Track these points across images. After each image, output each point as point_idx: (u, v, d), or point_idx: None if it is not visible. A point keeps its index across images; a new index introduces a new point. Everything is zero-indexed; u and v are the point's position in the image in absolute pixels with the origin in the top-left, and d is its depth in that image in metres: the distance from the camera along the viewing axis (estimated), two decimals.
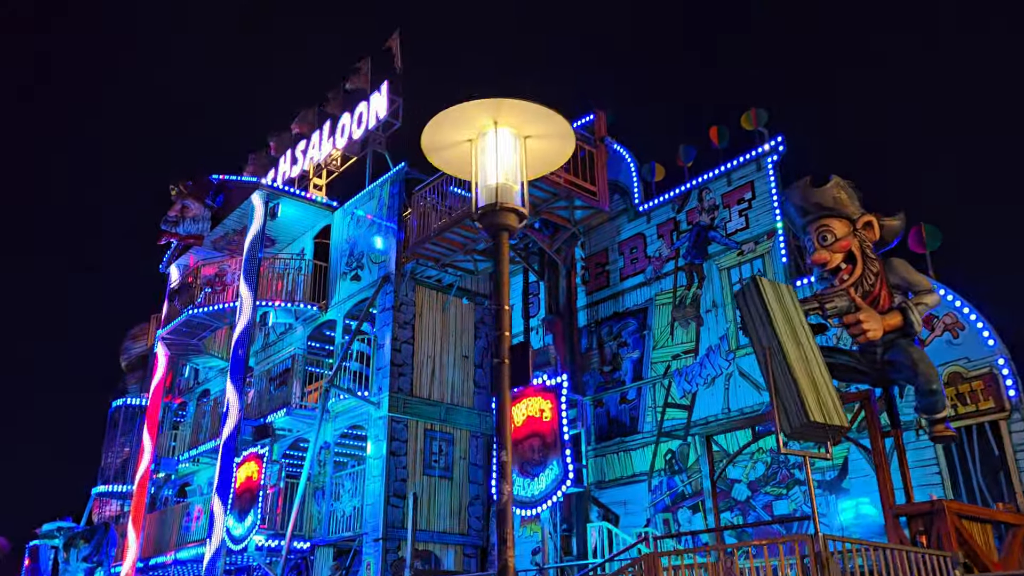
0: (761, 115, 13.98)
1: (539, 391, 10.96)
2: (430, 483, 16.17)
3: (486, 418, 17.46)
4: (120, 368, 29.90)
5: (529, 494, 10.53)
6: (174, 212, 19.97)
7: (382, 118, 19.47)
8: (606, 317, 15.53)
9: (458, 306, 17.87)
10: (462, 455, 16.86)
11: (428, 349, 17.06)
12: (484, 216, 4.53)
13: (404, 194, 17.74)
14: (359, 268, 18.12)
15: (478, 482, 16.92)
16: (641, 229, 15.51)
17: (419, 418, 16.39)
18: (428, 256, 16.21)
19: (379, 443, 15.93)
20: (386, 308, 16.89)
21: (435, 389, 16.88)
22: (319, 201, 19.45)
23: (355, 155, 20.75)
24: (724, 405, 13.09)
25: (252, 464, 14.27)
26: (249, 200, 19.08)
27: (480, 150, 4.63)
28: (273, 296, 18.83)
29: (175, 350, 21.05)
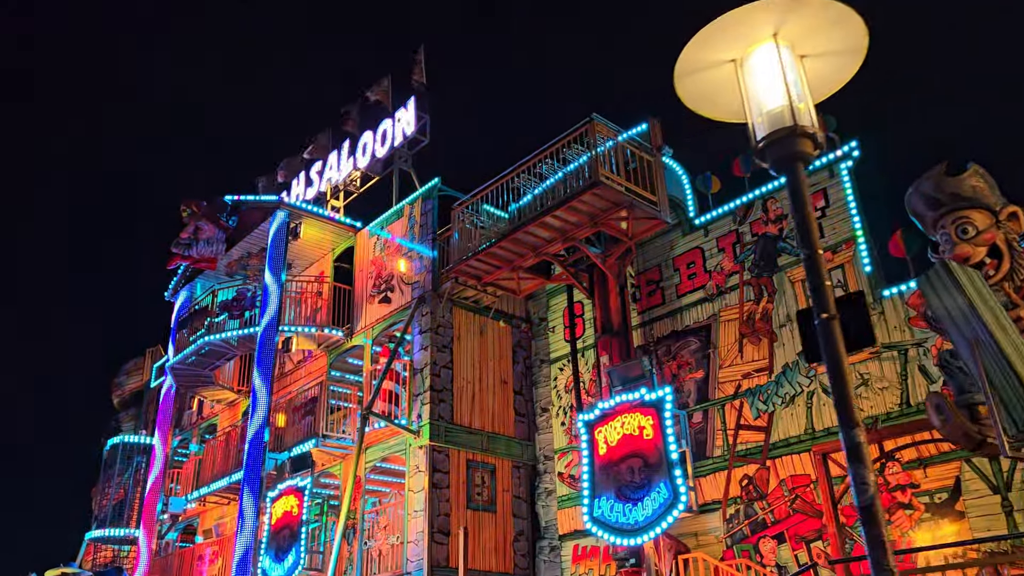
0: (829, 121, 13.33)
1: (636, 407, 10.02)
2: (474, 517, 15.03)
3: (528, 447, 16.41)
4: (111, 405, 28.41)
5: (630, 520, 9.51)
6: (186, 234, 18.87)
7: (409, 135, 18.67)
8: (663, 336, 14.66)
9: (495, 329, 16.91)
10: (505, 487, 15.76)
11: (467, 374, 16.04)
12: (771, 147, 3.65)
13: (437, 212, 16.87)
14: (388, 290, 17.13)
15: (522, 516, 15.80)
16: (698, 243, 14.74)
17: (461, 447, 15.31)
18: (470, 274, 15.28)
19: (419, 475, 14.80)
20: (423, 330, 15.88)
21: (476, 417, 15.83)
22: (343, 221, 18.49)
23: (377, 174, 19.89)
24: (808, 425, 12.21)
25: (291, 498, 13.08)
26: (269, 220, 18.09)
27: (749, 71, 3.78)
28: (295, 321, 17.75)
29: (183, 381, 19.78)
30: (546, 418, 16.42)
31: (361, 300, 17.83)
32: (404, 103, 18.94)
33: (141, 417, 25.90)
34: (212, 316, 18.15)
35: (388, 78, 20.44)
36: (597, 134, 13.19)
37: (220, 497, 19.28)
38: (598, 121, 13.24)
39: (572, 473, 15.43)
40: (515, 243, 14.37)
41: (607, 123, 13.41)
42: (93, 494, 27.11)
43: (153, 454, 20.46)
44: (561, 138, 13.66)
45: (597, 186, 12.79)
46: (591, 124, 13.20)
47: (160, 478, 19.33)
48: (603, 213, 13.52)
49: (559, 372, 16.42)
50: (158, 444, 19.62)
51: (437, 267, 16.29)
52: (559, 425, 16.00)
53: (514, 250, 14.65)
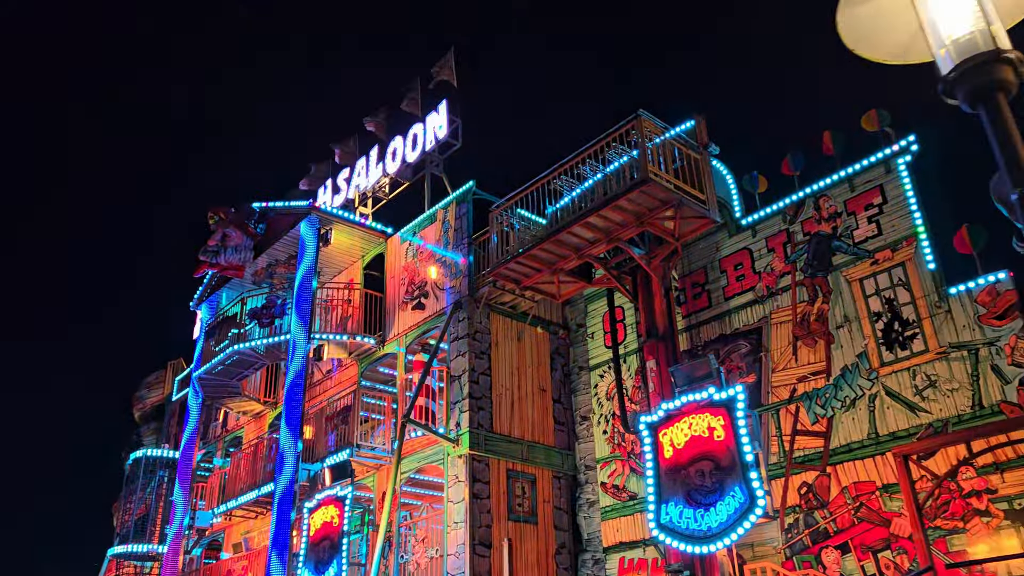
0: (884, 116, 12.93)
1: (704, 407, 9.54)
2: (515, 529, 14.52)
3: (568, 457, 15.90)
4: (132, 419, 28.05)
5: (702, 527, 9.00)
6: (214, 241, 18.53)
7: (441, 138, 18.32)
8: (711, 340, 14.17)
9: (533, 336, 16.46)
10: (545, 498, 15.25)
11: (505, 381, 15.58)
12: (965, 77, 3.19)
13: (473, 215, 16.48)
14: (422, 296, 16.71)
15: (564, 528, 15.27)
16: (746, 244, 14.29)
17: (501, 457, 14.82)
18: (510, 278, 14.84)
19: (459, 485, 14.31)
20: (460, 336, 15.44)
21: (515, 425, 15.35)
22: (373, 227, 18.11)
23: (408, 180, 19.53)
24: (871, 429, 11.68)
25: (331, 508, 12.59)
26: (299, 226, 17.74)
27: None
28: (325, 329, 17.35)
29: (210, 392, 19.37)
30: (586, 427, 15.93)
31: (393, 307, 17.42)
32: (435, 107, 18.60)
33: (164, 431, 25.51)
34: (240, 325, 17.76)
35: (417, 82, 20.14)
36: (644, 131, 12.77)
37: (247, 511, 18.82)
38: (645, 117, 12.83)
39: (616, 483, 14.92)
40: (557, 244, 13.93)
41: (654, 119, 13.00)
42: (115, 510, 26.70)
43: (178, 467, 20.00)
44: (608, 134, 13.26)
45: (646, 183, 12.36)
46: (638, 120, 12.79)
47: (186, 491, 18.85)
48: (650, 212, 13.08)
49: (599, 379, 15.94)
50: (183, 457, 19.16)
51: (473, 272, 15.88)
52: (601, 434, 15.50)
53: (556, 252, 14.21)
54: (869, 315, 12.24)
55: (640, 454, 14.54)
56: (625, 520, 14.48)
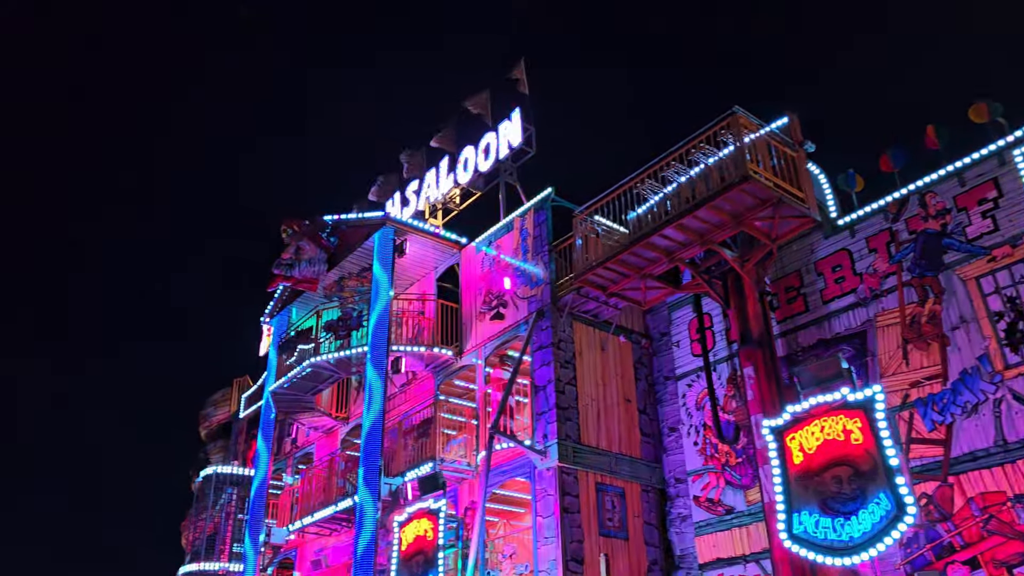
0: (995, 107, 12.30)
1: (837, 408, 8.99)
2: (607, 545, 13.98)
3: (655, 470, 15.35)
4: (199, 438, 28.06)
5: (843, 537, 8.42)
6: (288, 255, 18.41)
7: (515, 146, 18.03)
8: (810, 345, 13.56)
9: (616, 345, 15.98)
10: (635, 512, 14.70)
11: (591, 391, 15.11)
12: None
13: (552, 222, 16.12)
14: (501, 306, 16.36)
15: (654, 544, 14.69)
16: (844, 245, 13.68)
17: (590, 469, 14.33)
18: (596, 284, 14.42)
19: (548, 499, 13.84)
20: (543, 346, 15.03)
21: (602, 436, 14.86)
22: (448, 237, 17.83)
23: (479, 190, 19.28)
24: (998, 436, 10.97)
25: (424, 522, 12.22)
26: (372, 238, 17.54)
27: None
28: (400, 341, 17.07)
29: (283, 407, 19.20)
30: (675, 438, 15.37)
31: (470, 318, 17.09)
32: (508, 115, 18.34)
33: (231, 448, 25.44)
34: (315, 338, 17.58)
35: (487, 92, 19.93)
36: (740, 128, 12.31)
37: (320, 528, 18.55)
38: (740, 114, 12.38)
39: (710, 497, 14.33)
40: (648, 247, 13.50)
41: (749, 116, 12.53)
42: (183, 529, 26.66)
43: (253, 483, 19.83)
44: (701, 132, 12.83)
45: (746, 181, 11.89)
46: (734, 117, 12.34)
47: (262, 508, 18.64)
48: (747, 212, 12.58)
49: (687, 388, 15.39)
50: (259, 472, 18.97)
51: (555, 280, 15.49)
52: (691, 445, 14.92)
53: (645, 256, 13.78)
54: (989, 315, 11.56)
55: (736, 466, 13.98)
56: (722, 535, 13.86)
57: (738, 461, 14.04)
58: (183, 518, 26.80)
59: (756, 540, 13.30)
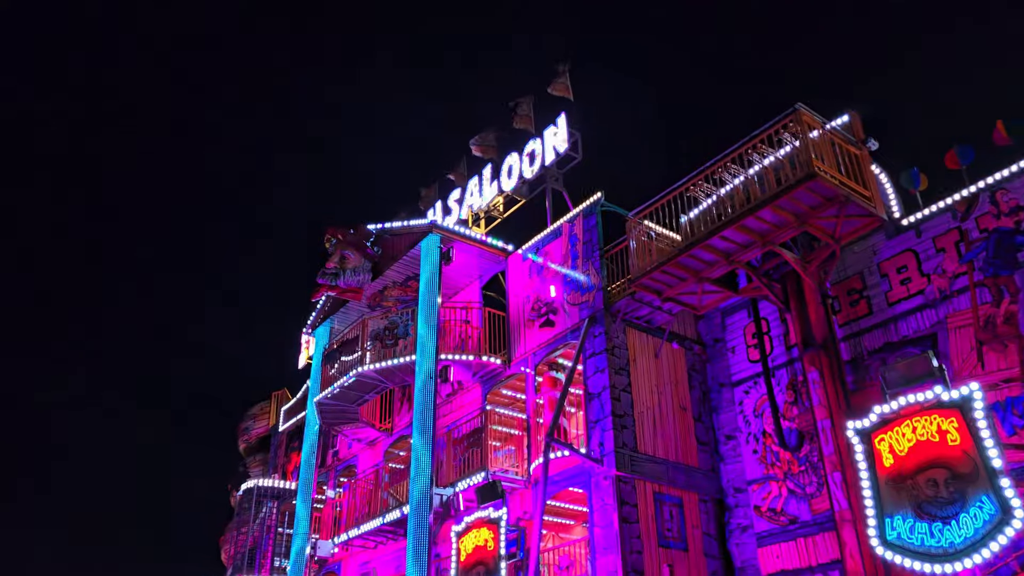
0: None
1: (931, 408, 8.61)
2: (666, 556, 13.60)
3: (713, 479, 14.96)
4: (237, 451, 27.98)
5: (942, 543, 8.02)
6: (333, 264, 18.27)
7: (562, 152, 17.83)
8: (876, 349, 13.16)
9: (669, 352, 15.64)
10: (694, 523, 14.31)
11: (646, 399, 14.78)
12: None
13: (602, 227, 15.86)
14: (551, 313, 16.09)
15: (714, 555, 14.28)
16: (909, 245, 13.30)
17: (647, 478, 13.97)
18: (652, 288, 14.13)
19: (606, 509, 13.50)
20: (596, 353, 14.74)
21: (659, 445, 14.50)
22: (495, 244, 17.62)
23: (524, 197, 19.09)
24: None
25: (484, 531, 11.92)
26: (418, 246, 17.37)
27: None
28: (444, 350, 16.81)
29: (328, 418, 19.01)
30: (732, 446, 14.98)
31: (518, 326, 16.83)
32: (553, 121, 18.15)
33: (271, 462, 25.31)
34: (361, 348, 17.39)
35: (529, 98, 19.79)
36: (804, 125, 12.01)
37: (366, 540, 18.30)
38: (804, 110, 12.08)
39: (772, 506, 13.91)
40: (707, 250, 13.21)
41: (812, 113, 12.24)
42: (221, 543, 26.53)
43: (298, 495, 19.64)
44: (762, 131, 12.55)
45: (811, 179, 11.58)
46: (797, 114, 12.06)
47: (307, 520, 18.42)
48: (812, 212, 12.27)
49: (744, 395, 15.01)
50: (304, 485, 18.77)
51: (607, 285, 15.21)
52: (751, 453, 14.53)
53: (704, 258, 13.48)
54: None
55: (799, 474, 13.57)
56: (786, 546, 13.43)
57: (801, 469, 13.63)
58: (222, 532, 26.70)
59: (824, 550, 12.87)
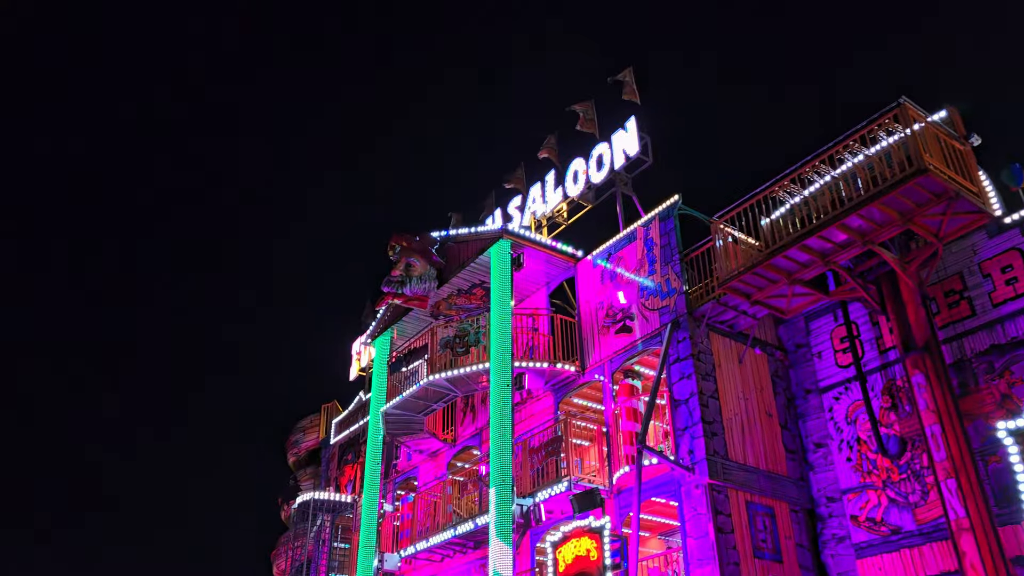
0: None
1: None
2: (762, 568, 13.12)
3: (803, 488, 14.48)
4: (287, 465, 27.71)
5: None
6: (399, 271, 17.99)
7: (632, 156, 17.50)
8: (982, 351, 12.69)
9: (752, 357, 15.21)
10: (787, 534, 13.82)
11: (733, 405, 14.35)
12: None
13: (679, 231, 15.50)
14: (627, 319, 15.71)
15: (808, 567, 13.78)
16: (1014, 244, 12.84)
17: (739, 487, 13.52)
18: (741, 291, 13.75)
19: (699, 519, 13.05)
20: (681, 358, 14.33)
21: (748, 452, 14.06)
22: (565, 251, 17.29)
23: (590, 202, 18.76)
24: None
25: (585, 541, 11.51)
26: (487, 252, 17.07)
27: None
28: (517, 357, 16.45)
29: (393, 428, 18.68)
30: (822, 454, 14.50)
31: (591, 333, 16.46)
32: (622, 124, 17.84)
33: (323, 475, 24.99)
34: (430, 356, 17.08)
35: (592, 102, 19.52)
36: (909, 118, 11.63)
37: (433, 553, 17.91)
38: (908, 104, 11.71)
39: (871, 516, 13.41)
40: (804, 250, 12.81)
41: (917, 107, 11.86)
42: (273, 558, 26.21)
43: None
44: (863, 125, 12.19)
45: (922, 174, 11.18)
46: (902, 108, 11.69)
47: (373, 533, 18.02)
48: (918, 208, 11.86)
49: (834, 402, 14.54)
50: (369, 497, 18.39)
51: (688, 289, 14.83)
52: (844, 461, 14.04)
53: (799, 259, 13.09)
54: None
55: (900, 482, 13.10)
56: (889, 557, 12.93)
57: (902, 477, 13.14)
58: (273, 547, 26.39)
59: (932, 562, 12.37)
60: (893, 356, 13.76)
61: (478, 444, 18.78)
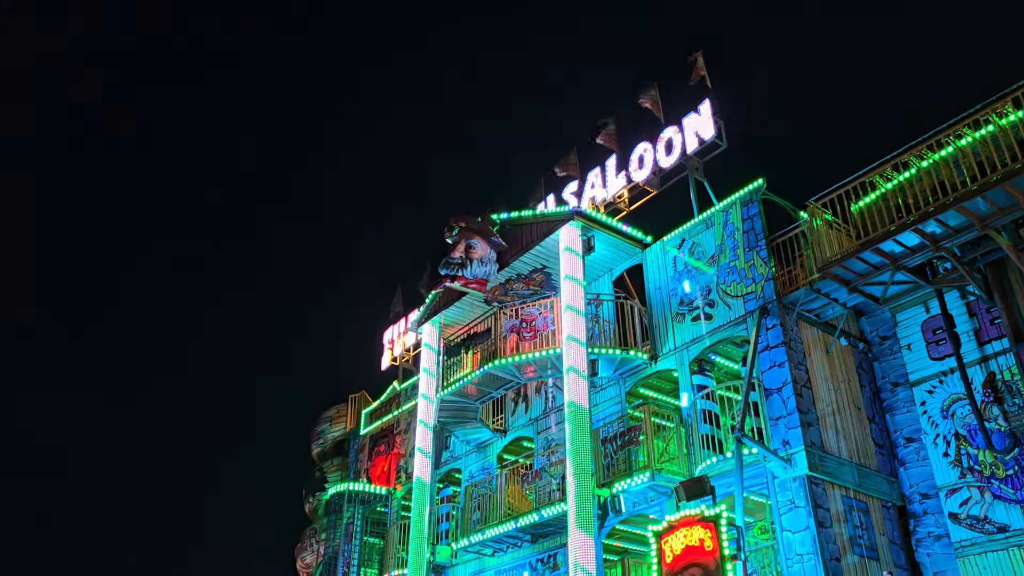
0: None
1: None
2: (860, 565, 12.59)
3: (893, 484, 13.97)
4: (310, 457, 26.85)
5: None
6: (458, 253, 17.33)
7: (708, 139, 16.95)
8: None
9: (838, 349, 14.69)
10: (880, 530, 13.31)
11: (824, 396, 13.82)
12: None
13: (764, 216, 14.97)
14: (707, 305, 15.15)
15: (901, 566, 13.27)
16: None
17: (835, 480, 12.98)
18: (842, 278, 13.24)
19: (797, 512, 12.49)
20: (771, 346, 13.78)
21: (841, 445, 13.53)
22: (635, 235, 16.70)
23: (654, 189, 18.20)
24: None
25: (697, 530, 10.86)
26: (554, 235, 16.43)
27: None
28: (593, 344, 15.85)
29: (448, 416, 17.98)
30: (914, 449, 14.00)
31: (662, 320, 15.88)
32: (695, 107, 17.29)
33: (352, 466, 24.19)
34: (493, 342, 16.43)
35: (655, 86, 18.98)
36: None
37: (483, 547, 17.22)
38: None
39: (971, 513, 12.90)
40: (917, 233, 12.32)
41: None
42: (297, 552, 25.36)
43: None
44: (985, 104, 11.72)
45: None
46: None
47: (425, 526, 17.29)
48: None
49: (927, 395, 14.03)
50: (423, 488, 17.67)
51: (775, 275, 14.29)
52: (940, 456, 13.52)
53: (908, 245, 12.63)
54: None
55: (1006, 478, 12.61)
56: (995, 556, 12.41)
57: (1008, 473, 12.64)
58: (297, 541, 25.55)
59: None
60: (994, 348, 13.28)
61: (533, 435, 18.14)
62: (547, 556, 16.65)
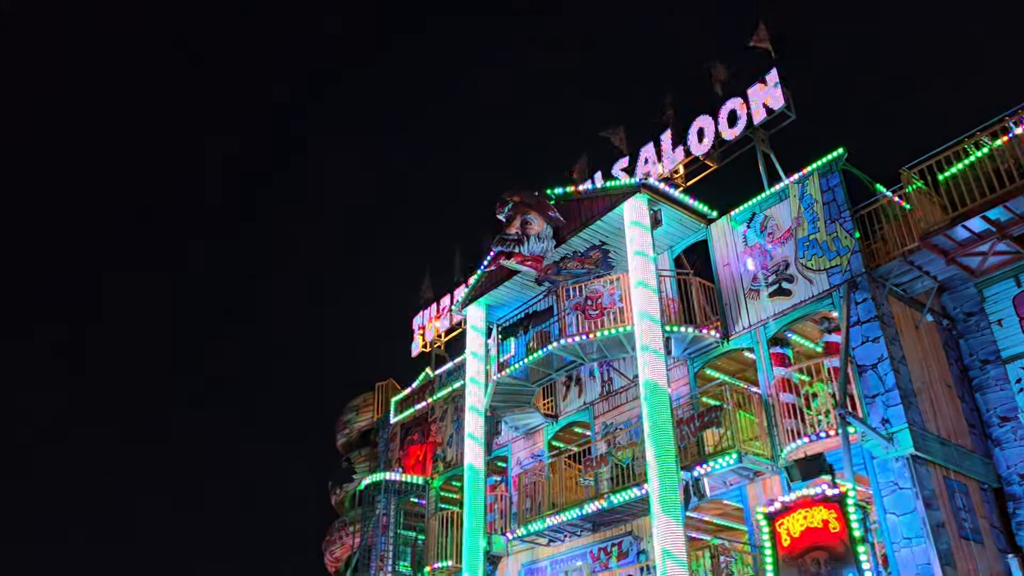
0: None
1: None
2: (966, 549, 11.96)
3: (988, 465, 13.38)
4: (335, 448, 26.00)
5: None
6: (515, 228, 16.56)
7: (777, 110, 16.25)
8: None
9: (925, 326, 14.07)
10: (981, 513, 12.70)
11: (918, 373, 13.18)
12: None
13: (845, 187, 14.31)
14: (784, 280, 14.47)
15: (1004, 550, 12.66)
16: None
17: (937, 461, 12.35)
18: (940, 247, 12.61)
19: (901, 494, 11.85)
20: (863, 321, 13.12)
21: (940, 425, 12.90)
22: (700, 209, 16.00)
23: (715, 163, 17.50)
24: None
25: (819, 511, 10.16)
26: (617, 209, 15.69)
27: None
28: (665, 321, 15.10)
29: (501, 400, 17.20)
30: (1010, 429, 13.41)
31: (734, 297, 15.19)
32: (761, 77, 16.60)
33: (382, 456, 23.34)
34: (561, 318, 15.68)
35: (717, 64, 18.24)
36: None
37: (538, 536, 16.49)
38: None
39: None
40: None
41: None
42: (325, 546, 24.50)
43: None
44: None
45: None
46: None
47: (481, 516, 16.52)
48: None
49: (1023, 372, 13.45)
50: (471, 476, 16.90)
51: (862, 247, 13.63)
52: None
53: (1018, 212, 11.98)
54: None
55: None
56: None
57: None
58: (324, 535, 24.69)
59: None
60: None
61: (589, 419, 17.41)
62: (610, 545, 15.95)
